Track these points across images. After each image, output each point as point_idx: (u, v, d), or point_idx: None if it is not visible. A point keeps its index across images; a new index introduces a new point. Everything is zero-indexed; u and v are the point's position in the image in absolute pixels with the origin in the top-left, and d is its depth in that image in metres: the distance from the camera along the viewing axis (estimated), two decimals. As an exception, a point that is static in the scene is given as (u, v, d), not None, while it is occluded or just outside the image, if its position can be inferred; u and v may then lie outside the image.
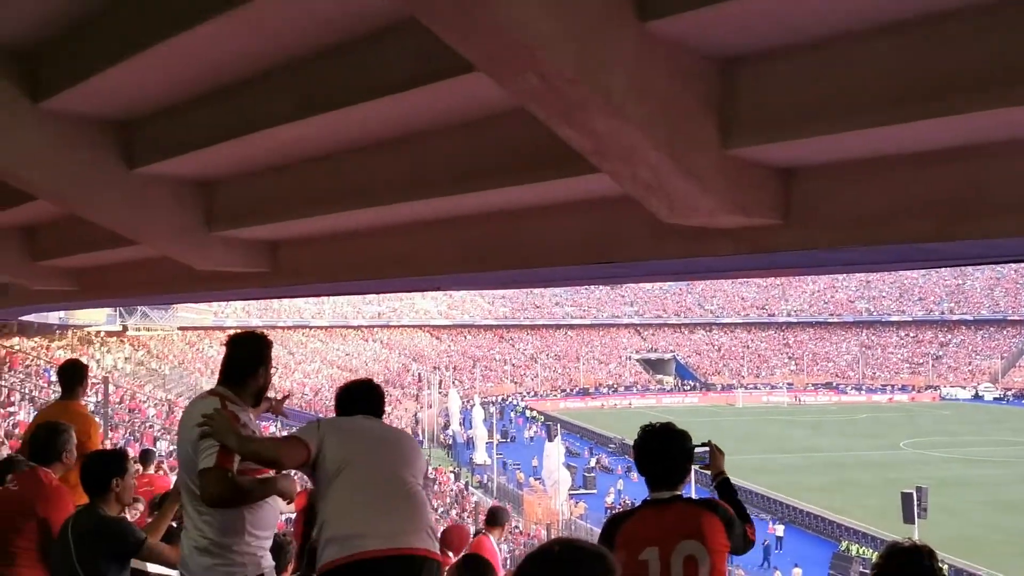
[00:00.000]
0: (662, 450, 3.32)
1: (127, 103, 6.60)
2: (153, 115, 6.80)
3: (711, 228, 4.82)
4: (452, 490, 39.78)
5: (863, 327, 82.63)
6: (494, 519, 8.17)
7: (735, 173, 4.34)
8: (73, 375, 5.82)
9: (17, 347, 29.05)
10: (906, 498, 26.58)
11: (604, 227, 5.76)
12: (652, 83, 3.92)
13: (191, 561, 3.44)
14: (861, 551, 31.15)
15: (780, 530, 34.76)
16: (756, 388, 74.10)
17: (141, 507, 6.52)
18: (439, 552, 3.40)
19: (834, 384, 76.26)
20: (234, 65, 5.70)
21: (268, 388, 3.72)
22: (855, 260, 5.23)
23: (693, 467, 3.53)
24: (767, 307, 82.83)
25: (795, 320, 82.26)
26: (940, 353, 79.66)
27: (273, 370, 3.86)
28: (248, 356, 3.66)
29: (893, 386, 75.60)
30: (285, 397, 4.57)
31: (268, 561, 3.54)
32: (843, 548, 31.58)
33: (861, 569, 28.75)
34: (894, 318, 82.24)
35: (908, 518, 26.27)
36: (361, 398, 3.78)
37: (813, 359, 79.44)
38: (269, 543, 3.57)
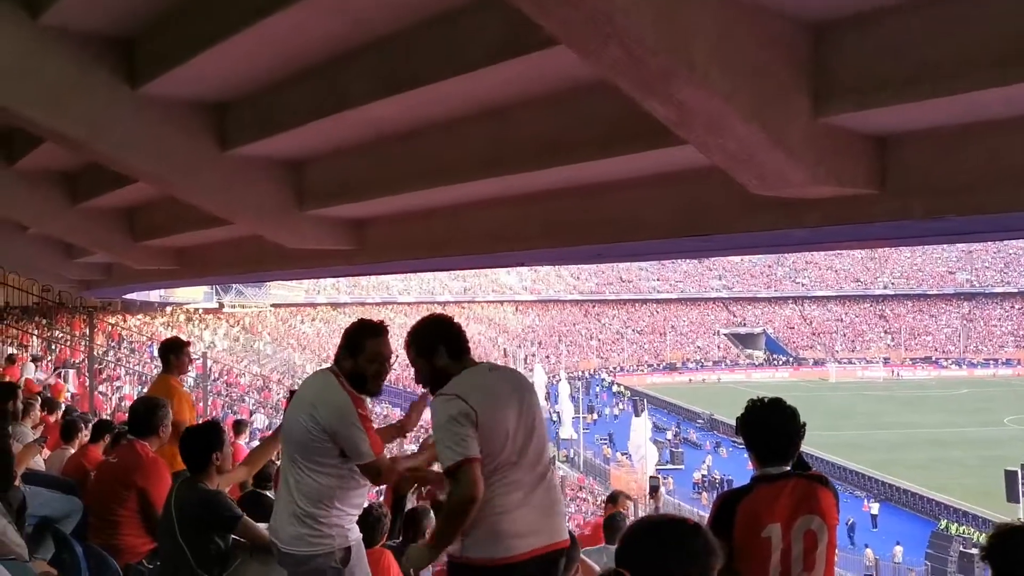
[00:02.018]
0: (775, 424, 3.20)
1: (219, 86, 6.79)
2: (244, 97, 6.98)
3: (803, 199, 4.69)
4: (539, 464, 39.99)
5: (965, 299, 79.30)
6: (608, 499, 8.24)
7: (828, 142, 4.21)
8: (167, 351, 5.99)
9: (120, 325, 30.35)
10: (1010, 476, 25.51)
11: (691, 200, 5.67)
12: (738, 51, 3.82)
13: (282, 531, 3.52)
14: (961, 530, 30.11)
15: (875, 508, 33.84)
16: (850, 363, 71.86)
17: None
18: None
19: (933, 359, 73.53)
20: (321, 46, 5.81)
21: (365, 374, 3.65)
22: (953, 230, 5.02)
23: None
24: (862, 280, 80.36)
25: (892, 293, 79.41)
26: (1048, 326, 76.19)
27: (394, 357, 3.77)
28: (343, 339, 3.70)
29: (997, 360, 72.36)
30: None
31: (356, 534, 3.59)
32: (942, 527, 30.52)
33: (961, 548, 27.83)
34: (998, 290, 78.63)
35: (1012, 497, 25.22)
36: (462, 336, 3.33)
37: (911, 333, 76.66)
38: (356, 517, 3.63)
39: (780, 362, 73.11)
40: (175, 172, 7.37)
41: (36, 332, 20.42)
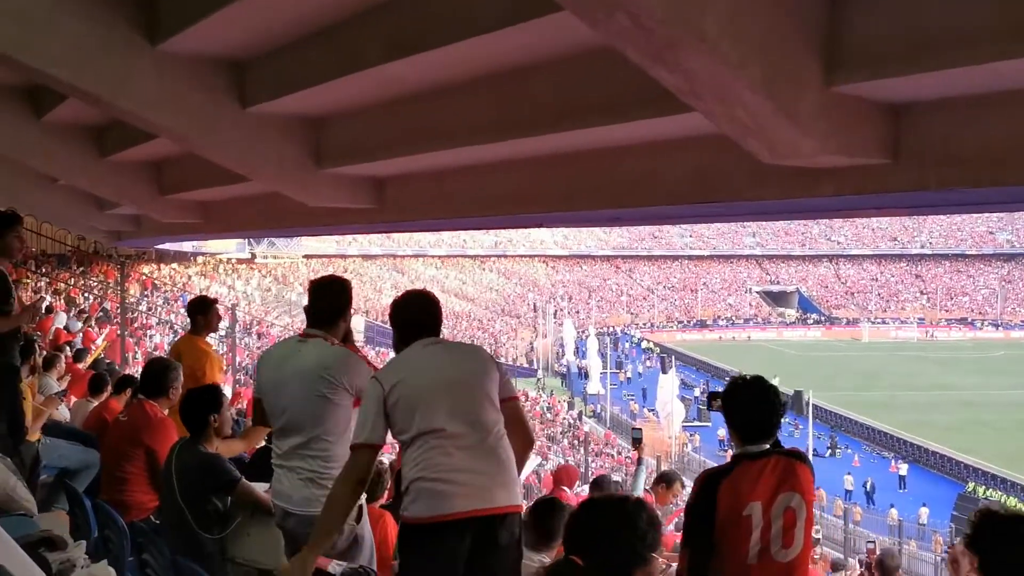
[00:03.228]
0: (759, 403, 3.24)
1: (239, 43, 6.78)
2: (264, 55, 6.97)
3: (816, 168, 4.62)
4: (565, 419, 40.32)
5: (1004, 260, 77.82)
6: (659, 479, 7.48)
7: (839, 112, 4.13)
8: (195, 311, 6.05)
9: (155, 275, 30.79)
10: (1040, 441, 25.29)
11: (705, 166, 5.61)
12: (750, 20, 3.74)
13: (295, 493, 3.61)
14: (989, 493, 29.97)
15: (904, 469, 33.74)
16: (884, 323, 71.02)
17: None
18: (520, 503, 3.31)
19: (970, 320, 72.49)
20: (339, 4, 5.78)
21: (350, 328, 3.75)
22: (968, 200, 4.92)
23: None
24: (899, 239, 79.14)
25: (929, 252, 78.19)
26: (1090, 289, 74.73)
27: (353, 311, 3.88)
28: (339, 299, 3.73)
29: (1035, 323, 71.39)
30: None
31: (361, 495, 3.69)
32: (969, 489, 30.43)
33: (988, 512, 27.66)
34: (1039, 250, 77.33)
35: (1041, 462, 25.05)
36: (422, 318, 3.42)
37: (947, 293, 75.51)
38: None
39: (812, 321, 72.54)
40: (195, 129, 7.42)
41: (72, 282, 20.82)
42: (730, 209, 6.31)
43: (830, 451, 36.34)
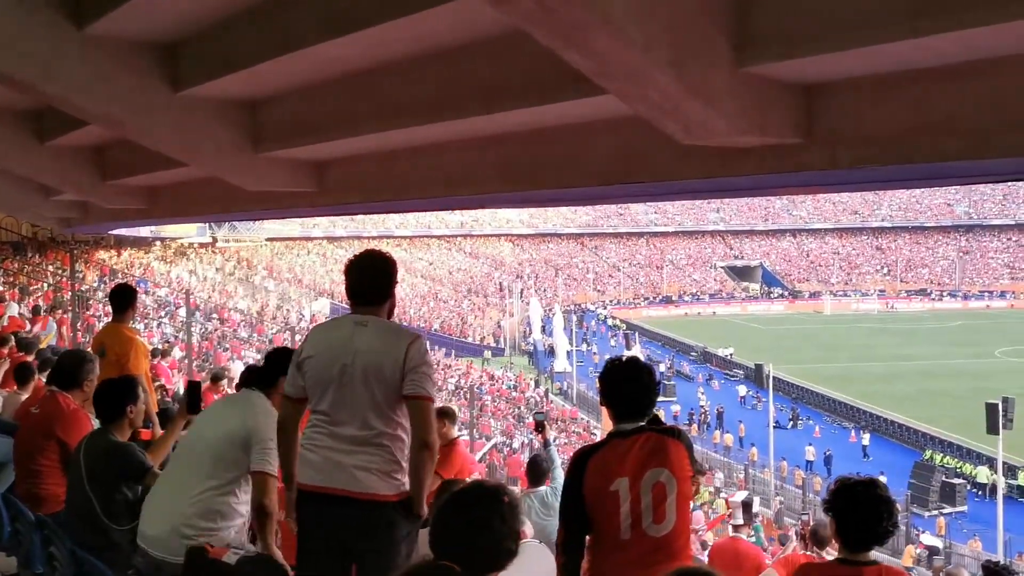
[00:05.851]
0: (629, 382, 3.34)
1: (169, 24, 6.66)
2: (195, 36, 6.85)
3: (734, 148, 4.66)
4: (532, 397, 40.52)
5: (962, 232, 79.14)
6: None
7: (751, 92, 4.16)
8: (121, 299, 6.03)
9: (113, 261, 30.37)
10: (991, 409, 25.86)
11: (628, 147, 5.63)
12: (657, 1, 3.74)
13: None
14: (944, 460, 30.71)
15: (866, 439, 34.39)
16: (846, 295, 72.17)
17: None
18: (397, 493, 3.33)
19: (929, 291, 73.73)
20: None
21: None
22: (882, 178, 5.00)
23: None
24: (860, 212, 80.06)
25: (889, 225, 79.31)
26: (1045, 258, 76.13)
27: None
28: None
29: (992, 292, 72.56)
30: None
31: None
32: (926, 457, 31.15)
33: (944, 478, 28.45)
34: (996, 222, 78.54)
35: (992, 429, 25.66)
36: (361, 287, 3.46)
37: (907, 265, 76.76)
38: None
39: (776, 295, 73.37)
40: (127, 114, 7.30)
41: (26, 270, 20.47)
42: (658, 189, 6.35)
43: (792, 423, 36.95)
